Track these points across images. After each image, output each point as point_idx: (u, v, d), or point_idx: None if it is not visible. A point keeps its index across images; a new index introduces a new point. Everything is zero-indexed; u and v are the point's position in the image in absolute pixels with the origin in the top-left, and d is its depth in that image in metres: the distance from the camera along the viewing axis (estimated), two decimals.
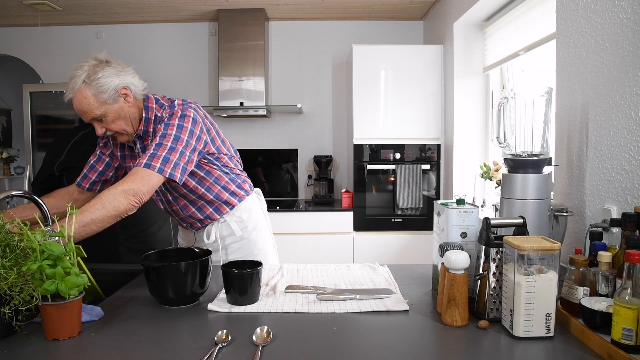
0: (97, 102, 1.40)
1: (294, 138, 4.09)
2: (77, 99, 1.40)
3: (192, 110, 1.49)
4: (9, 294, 0.96)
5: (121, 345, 0.97)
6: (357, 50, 3.39)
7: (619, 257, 1.08)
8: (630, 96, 1.31)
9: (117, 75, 1.43)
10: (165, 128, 1.43)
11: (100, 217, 1.28)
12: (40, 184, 1.89)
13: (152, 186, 1.37)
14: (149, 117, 1.51)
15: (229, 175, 1.64)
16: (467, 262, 1.05)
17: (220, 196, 1.62)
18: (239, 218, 1.68)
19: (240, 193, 1.68)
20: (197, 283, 1.19)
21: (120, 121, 1.46)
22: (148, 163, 1.37)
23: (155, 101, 1.53)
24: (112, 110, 1.43)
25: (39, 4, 3.52)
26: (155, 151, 1.39)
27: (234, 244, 1.69)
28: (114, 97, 1.42)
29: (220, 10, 3.76)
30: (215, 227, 1.65)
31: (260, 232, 1.75)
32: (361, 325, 1.07)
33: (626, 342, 0.87)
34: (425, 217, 3.43)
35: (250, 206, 1.72)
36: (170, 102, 1.54)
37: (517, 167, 1.35)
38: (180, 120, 1.45)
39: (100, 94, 1.39)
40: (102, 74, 1.40)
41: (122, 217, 1.33)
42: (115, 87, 1.42)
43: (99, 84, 1.39)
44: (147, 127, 1.51)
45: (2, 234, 1.01)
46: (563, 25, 1.66)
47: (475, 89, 3.22)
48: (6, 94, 4.74)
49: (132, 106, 1.47)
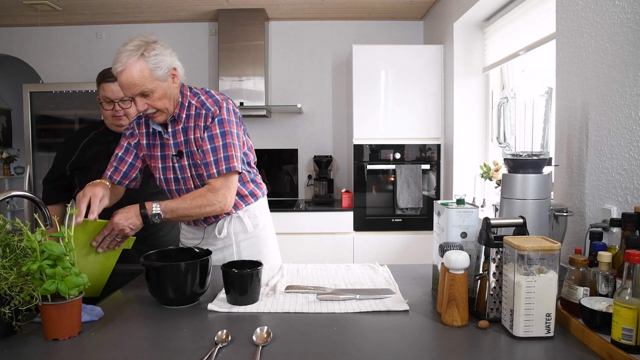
0: (151, 76, 1.43)
1: (294, 138, 4.09)
2: (129, 72, 1.41)
3: (231, 103, 1.59)
4: (9, 294, 0.96)
5: (121, 345, 0.98)
6: (357, 50, 3.39)
7: (619, 257, 1.08)
8: (630, 96, 1.31)
9: (170, 56, 1.48)
10: (220, 126, 1.51)
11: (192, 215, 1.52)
12: (52, 182, 1.90)
13: (234, 187, 1.55)
14: (184, 102, 1.56)
15: (250, 174, 1.70)
16: (467, 262, 1.05)
17: (240, 192, 1.65)
18: (253, 214, 1.71)
19: (257, 192, 1.72)
20: (197, 283, 1.19)
21: (165, 99, 1.49)
22: (218, 170, 1.49)
23: (189, 89, 1.58)
24: (161, 88, 1.46)
25: (39, 4, 3.51)
26: (215, 156, 1.50)
27: (244, 241, 1.70)
28: (166, 75, 1.46)
29: (220, 10, 3.76)
30: (227, 222, 1.67)
31: (269, 232, 1.79)
32: (361, 325, 1.07)
33: (626, 342, 0.87)
34: (425, 217, 3.43)
35: (263, 205, 1.77)
36: (206, 93, 1.59)
37: (517, 167, 1.35)
38: (228, 115, 1.53)
39: (156, 70, 1.43)
40: (159, 51, 1.44)
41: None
42: (169, 66, 1.47)
43: (156, 59, 1.43)
44: (182, 112, 1.55)
45: (2, 234, 1.01)
46: (563, 25, 1.66)
47: (475, 89, 3.22)
48: (6, 94, 4.75)
49: (176, 87, 1.53)
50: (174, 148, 1.57)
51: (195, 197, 1.48)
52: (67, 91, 3.64)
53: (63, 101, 3.66)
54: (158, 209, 1.43)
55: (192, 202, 1.47)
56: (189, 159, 1.57)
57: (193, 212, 1.48)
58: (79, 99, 3.64)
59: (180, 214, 1.48)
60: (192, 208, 1.47)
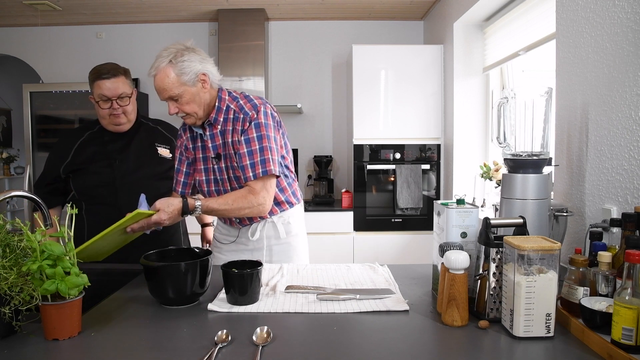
0: (178, 82, 1.49)
1: (294, 138, 4.08)
2: (159, 77, 1.49)
3: (270, 107, 1.62)
4: (9, 294, 0.96)
5: (121, 345, 0.98)
6: (357, 50, 3.39)
7: (619, 257, 1.08)
8: (630, 96, 1.31)
9: (200, 62, 1.53)
10: (257, 129, 1.55)
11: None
12: (45, 186, 1.83)
13: (272, 190, 1.58)
14: (221, 106, 1.60)
15: (287, 179, 1.72)
16: (467, 262, 1.05)
17: (277, 198, 1.66)
18: (286, 221, 1.72)
19: (292, 200, 1.74)
20: (197, 283, 1.19)
21: (193, 104, 1.54)
22: (254, 173, 1.52)
23: (228, 93, 1.63)
24: (189, 93, 1.52)
25: (39, 4, 3.51)
26: (252, 159, 1.53)
27: (276, 246, 1.72)
28: (193, 80, 1.51)
29: (220, 10, 3.76)
30: (261, 226, 1.70)
31: (301, 240, 1.80)
32: (361, 325, 1.07)
33: (626, 342, 0.87)
34: (425, 217, 3.43)
35: (298, 213, 1.79)
36: (244, 97, 1.61)
37: (517, 167, 1.35)
38: (265, 119, 1.57)
39: (182, 75, 1.49)
40: (187, 57, 1.50)
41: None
42: (196, 72, 1.51)
43: (183, 65, 1.49)
44: (218, 116, 1.60)
45: (2, 234, 1.01)
46: (563, 25, 1.66)
47: (475, 89, 3.22)
48: (6, 94, 4.75)
49: (207, 92, 1.56)
50: (213, 150, 1.62)
51: (236, 199, 1.52)
52: (67, 91, 3.64)
53: (63, 101, 3.66)
54: (199, 210, 1.49)
55: (233, 203, 1.51)
56: (227, 162, 1.60)
57: (233, 213, 1.54)
58: (79, 99, 3.63)
59: (219, 214, 1.56)
60: (232, 210, 1.52)
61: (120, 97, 1.75)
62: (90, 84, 1.77)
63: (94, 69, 1.77)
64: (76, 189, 1.82)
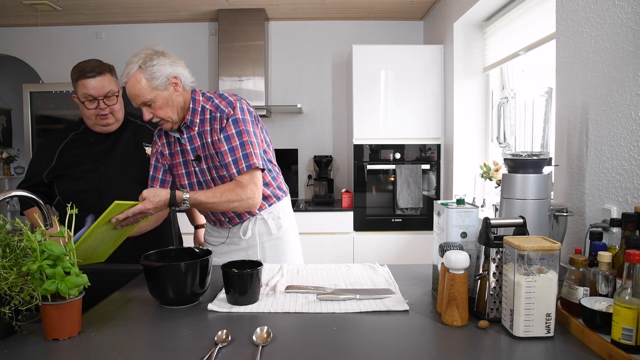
0: (149, 87, 1.48)
1: (294, 138, 4.08)
2: (130, 83, 1.48)
3: (245, 102, 1.61)
4: (9, 294, 0.96)
5: (121, 345, 0.98)
6: (357, 50, 3.39)
7: (619, 257, 1.08)
8: (630, 96, 1.31)
9: (170, 65, 1.51)
10: (235, 125, 1.53)
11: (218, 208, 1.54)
12: (27, 189, 1.67)
13: (260, 183, 1.56)
14: (196, 108, 1.58)
15: (271, 173, 1.71)
16: (467, 262, 1.05)
17: (263, 192, 1.65)
18: (276, 216, 1.72)
19: (279, 192, 1.74)
20: (197, 283, 1.19)
21: (167, 108, 1.53)
22: (238, 169, 1.51)
23: (202, 94, 1.61)
24: (162, 97, 1.50)
25: (39, 4, 3.51)
26: (234, 156, 1.51)
27: (268, 242, 1.72)
28: (165, 84, 1.50)
29: (220, 10, 3.76)
30: (251, 223, 1.69)
31: (292, 234, 1.80)
32: (361, 325, 1.07)
33: (626, 342, 0.87)
34: (425, 217, 3.43)
35: (286, 207, 1.78)
36: (219, 96, 1.60)
37: (517, 167, 1.35)
38: (242, 114, 1.56)
39: (153, 80, 1.48)
40: (157, 61, 1.49)
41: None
42: (167, 75, 1.50)
43: (153, 70, 1.47)
44: (194, 117, 1.58)
45: (2, 234, 1.01)
46: (563, 25, 1.66)
47: (475, 89, 3.22)
48: (6, 94, 4.74)
49: (179, 95, 1.55)
50: (192, 153, 1.61)
51: (224, 191, 1.49)
52: (67, 91, 3.63)
53: (63, 101, 3.65)
54: (187, 203, 1.47)
55: (222, 196, 1.48)
56: (208, 162, 1.59)
57: (221, 206, 1.51)
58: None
59: (207, 208, 1.53)
60: (220, 203, 1.49)
61: (107, 96, 1.68)
62: (74, 82, 1.68)
63: (76, 67, 1.68)
64: (61, 194, 1.73)
